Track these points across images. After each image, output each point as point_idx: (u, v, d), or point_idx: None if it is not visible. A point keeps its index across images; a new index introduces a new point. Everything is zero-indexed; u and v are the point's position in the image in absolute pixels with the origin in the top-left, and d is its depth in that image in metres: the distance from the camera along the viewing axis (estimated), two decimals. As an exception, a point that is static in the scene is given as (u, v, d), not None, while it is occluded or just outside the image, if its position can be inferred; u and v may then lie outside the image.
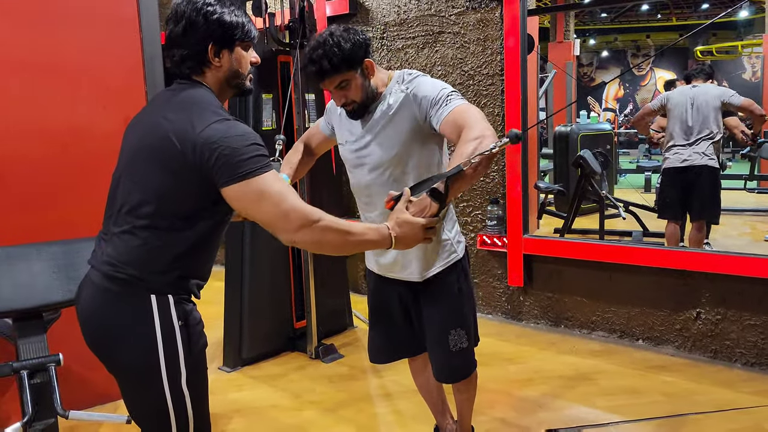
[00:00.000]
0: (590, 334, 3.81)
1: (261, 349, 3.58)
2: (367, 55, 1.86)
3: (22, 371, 2.17)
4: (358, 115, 1.94)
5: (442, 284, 2.06)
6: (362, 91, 1.88)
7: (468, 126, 1.67)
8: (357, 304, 4.28)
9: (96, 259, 1.55)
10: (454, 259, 2.07)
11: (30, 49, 2.69)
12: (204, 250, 1.55)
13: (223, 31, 1.52)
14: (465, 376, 2.18)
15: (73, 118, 2.84)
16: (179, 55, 1.53)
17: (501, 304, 4.15)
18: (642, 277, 3.56)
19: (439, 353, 2.13)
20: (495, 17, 3.87)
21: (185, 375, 1.51)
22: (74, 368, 2.82)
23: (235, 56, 1.57)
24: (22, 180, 2.70)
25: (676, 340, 3.51)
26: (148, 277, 1.47)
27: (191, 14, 1.51)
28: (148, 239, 1.46)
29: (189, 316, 1.54)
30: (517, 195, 3.82)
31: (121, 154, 1.60)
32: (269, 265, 3.57)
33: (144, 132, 1.51)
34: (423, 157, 1.93)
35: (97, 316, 1.51)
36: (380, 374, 3.30)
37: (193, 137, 1.39)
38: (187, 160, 1.40)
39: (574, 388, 3.09)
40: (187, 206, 1.46)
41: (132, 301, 1.48)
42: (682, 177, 4.34)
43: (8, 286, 2.21)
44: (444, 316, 2.08)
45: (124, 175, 1.53)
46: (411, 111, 1.86)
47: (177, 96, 1.52)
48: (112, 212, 1.54)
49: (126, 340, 1.48)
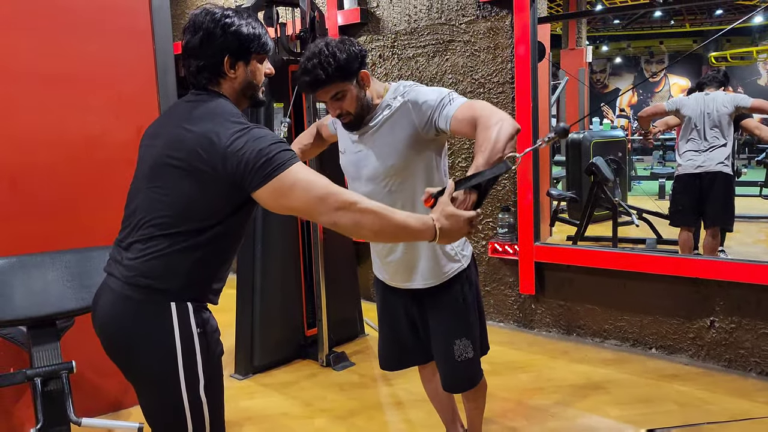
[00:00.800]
0: (603, 342, 3.78)
1: (272, 357, 3.59)
2: (362, 67, 1.86)
3: (36, 378, 2.20)
4: (354, 127, 1.93)
5: (446, 294, 2.06)
6: (357, 102, 1.87)
7: (482, 115, 1.67)
8: (368, 311, 4.28)
9: (114, 267, 1.56)
10: (458, 269, 2.06)
11: (44, 60, 2.74)
12: (223, 258, 1.58)
13: (239, 43, 1.54)
14: (471, 386, 2.17)
15: (87, 127, 2.87)
16: (195, 65, 1.55)
17: (513, 312, 4.14)
18: (655, 285, 3.53)
19: (445, 363, 2.12)
20: (505, 25, 3.88)
21: (203, 382, 1.52)
22: (87, 375, 2.85)
23: (250, 68, 1.58)
24: (37, 188, 2.73)
25: (690, 349, 3.47)
26: (169, 285, 1.49)
27: (209, 25, 1.52)
28: (170, 248, 1.48)
29: (207, 323, 1.55)
30: (529, 202, 3.81)
31: (139, 165, 1.62)
32: (280, 272, 3.58)
33: (166, 144, 1.52)
34: (420, 167, 1.92)
35: (116, 322, 1.52)
36: (391, 382, 3.30)
37: (221, 149, 1.41)
38: (216, 172, 1.42)
39: (586, 397, 3.07)
40: (211, 215, 1.48)
41: (152, 309, 1.49)
42: (696, 183, 4.31)
43: (22, 294, 2.25)
44: (449, 327, 2.08)
45: (145, 186, 1.54)
46: (409, 119, 1.86)
47: (197, 108, 1.53)
48: (131, 221, 1.56)
49: (145, 346, 1.49)
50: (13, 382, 2.20)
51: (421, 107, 1.84)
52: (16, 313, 2.21)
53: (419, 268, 2.02)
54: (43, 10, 2.73)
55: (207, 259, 1.53)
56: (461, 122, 1.75)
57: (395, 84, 1.96)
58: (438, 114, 1.81)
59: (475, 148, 1.62)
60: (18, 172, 2.69)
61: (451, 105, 1.79)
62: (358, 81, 1.86)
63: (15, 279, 2.26)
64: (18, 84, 2.68)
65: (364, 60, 1.86)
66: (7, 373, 2.21)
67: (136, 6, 3.01)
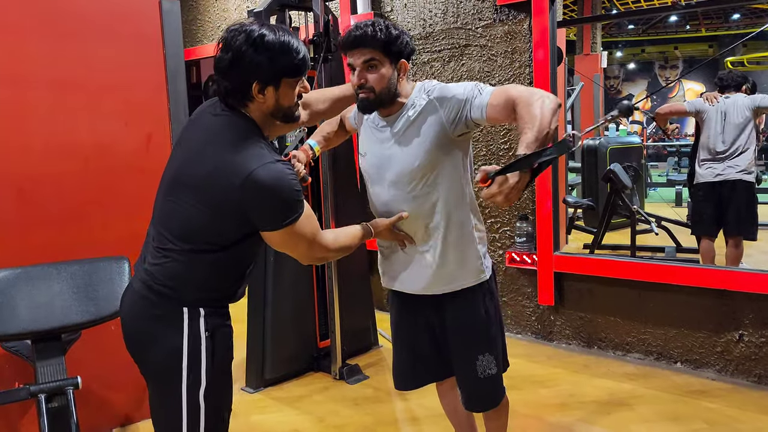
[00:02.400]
0: (625, 356, 3.65)
1: (284, 370, 3.49)
2: (407, 57, 1.84)
3: (40, 395, 2.12)
4: (369, 108, 1.86)
5: (468, 306, 1.96)
6: (386, 83, 1.80)
7: (520, 95, 1.62)
8: (382, 322, 4.17)
9: (140, 266, 1.63)
10: (482, 278, 1.97)
11: (52, 66, 2.67)
12: (239, 269, 1.61)
13: (270, 68, 1.48)
14: (494, 405, 2.07)
15: (96, 134, 2.80)
16: (223, 86, 1.52)
17: (531, 324, 4.02)
18: (679, 296, 3.41)
19: (467, 380, 2.02)
20: (523, 29, 3.78)
21: (204, 386, 1.54)
22: (95, 389, 2.77)
23: (280, 92, 1.53)
24: (44, 197, 2.66)
25: (717, 364, 3.34)
26: (182, 292, 1.53)
27: (241, 47, 1.47)
28: (183, 260, 1.52)
29: (219, 329, 1.59)
30: (548, 211, 3.71)
31: (168, 165, 1.63)
32: (292, 283, 3.49)
33: (187, 159, 1.53)
34: (447, 170, 1.84)
35: (133, 320, 1.60)
36: (406, 397, 3.19)
37: (239, 183, 1.43)
38: (230, 202, 1.46)
39: (610, 414, 2.95)
40: (224, 236, 1.52)
41: (165, 310, 1.54)
42: (716, 192, 4.18)
43: (27, 307, 2.17)
44: (471, 342, 1.98)
45: (166, 195, 1.58)
46: (436, 116, 1.80)
47: (222, 131, 1.51)
48: (154, 224, 1.61)
49: (155, 343, 1.55)
50: (17, 399, 2.12)
51: (450, 102, 1.78)
52: (20, 327, 2.14)
53: (442, 271, 1.92)
54: (51, 15, 2.66)
55: (221, 272, 1.57)
56: (497, 108, 1.69)
57: (420, 83, 1.90)
58: (470, 106, 1.75)
59: (520, 125, 1.56)
60: (26, 181, 2.62)
61: (482, 95, 1.74)
62: (397, 65, 1.81)
63: (19, 291, 2.18)
64: (26, 91, 2.61)
65: (410, 54, 1.85)
66: (10, 390, 2.14)
67: (146, 11, 2.95)
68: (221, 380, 1.62)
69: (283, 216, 1.48)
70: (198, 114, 1.64)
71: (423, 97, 1.84)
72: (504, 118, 1.70)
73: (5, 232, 2.55)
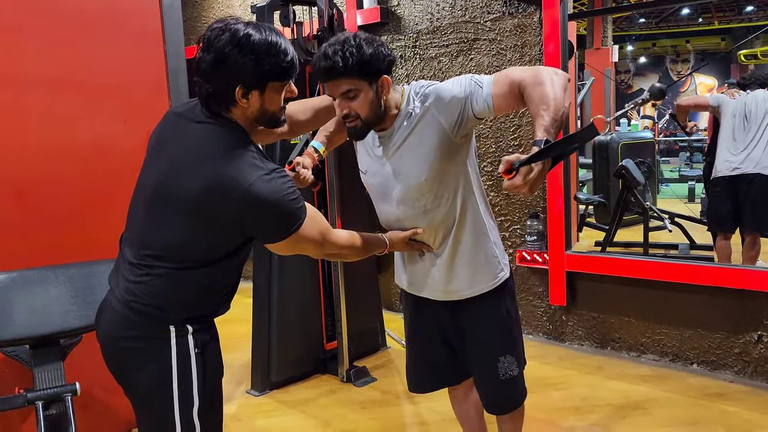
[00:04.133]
0: (639, 357, 3.56)
1: (290, 372, 3.43)
2: (386, 72, 1.67)
3: (37, 402, 2.06)
4: (359, 135, 1.75)
5: (488, 306, 1.89)
6: (370, 108, 1.67)
7: (525, 77, 1.52)
8: (390, 323, 4.11)
9: (117, 281, 1.52)
10: (502, 278, 1.90)
11: (51, 66, 2.60)
12: (226, 284, 1.53)
13: (255, 71, 1.38)
14: (516, 407, 2.02)
15: (95, 135, 2.74)
16: (205, 89, 1.42)
17: (542, 324, 3.93)
18: (695, 296, 3.31)
19: (487, 383, 1.96)
20: (533, 22, 3.69)
21: (197, 405, 1.48)
22: (96, 394, 2.71)
23: (266, 96, 1.43)
24: (43, 199, 2.61)
25: (735, 365, 3.24)
26: (168, 311, 1.45)
27: (225, 47, 1.36)
28: (170, 279, 1.43)
29: (207, 345, 1.51)
30: (559, 209, 3.61)
31: (143, 176, 1.51)
32: (298, 283, 3.42)
33: (172, 171, 1.42)
34: (455, 177, 1.76)
35: (114, 340, 1.50)
36: (415, 400, 3.12)
37: (236, 198, 1.35)
38: (226, 218, 1.38)
39: (625, 418, 2.86)
40: (215, 252, 1.44)
41: (150, 330, 1.46)
42: (734, 187, 4.08)
43: (24, 312, 2.11)
44: (492, 342, 1.92)
45: (144, 207, 1.47)
46: (436, 124, 1.68)
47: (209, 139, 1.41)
48: (133, 236, 1.50)
49: (141, 366, 1.47)
50: (13, 406, 2.06)
51: (448, 105, 1.66)
52: (17, 332, 2.08)
53: (459, 277, 1.85)
54: (49, 13, 2.60)
55: (208, 288, 1.48)
56: (503, 96, 1.59)
57: (408, 87, 1.77)
58: (472, 102, 1.63)
59: (533, 109, 1.46)
60: (24, 183, 2.56)
61: (482, 87, 1.62)
62: (377, 85, 1.66)
63: (16, 295, 2.12)
64: (23, 91, 2.54)
65: (390, 66, 1.67)
66: (6, 397, 2.08)
67: (146, 7, 2.88)
68: (214, 397, 1.55)
69: (286, 226, 1.43)
70: (175, 118, 1.52)
71: (416, 104, 1.72)
72: (512, 106, 1.61)
73: (3, 234, 2.50)
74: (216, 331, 1.56)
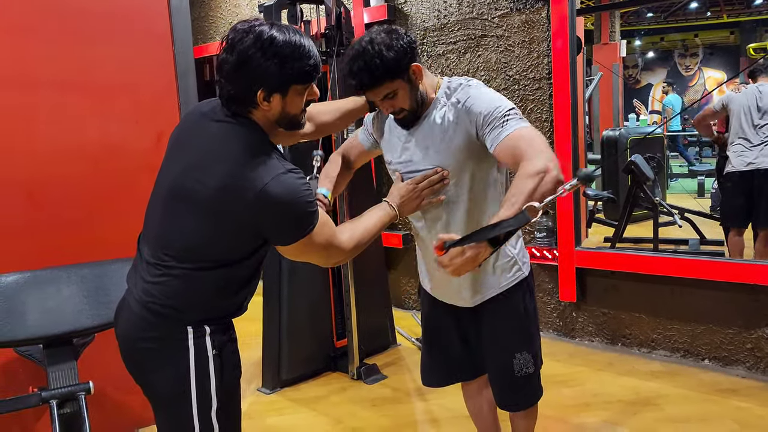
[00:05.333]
0: (651, 353, 3.55)
1: (301, 370, 3.44)
2: (413, 60, 1.68)
3: (51, 401, 2.08)
4: (410, 123, 1.77)
5: (506, 303, 1.90)
6: (411, 98, 1.71)
7: (527, 157, 1.47)
8: (400, 320, 4.12)
9: (134, 280, 1.52)
10: (520, 277, 1.90)
11: (61, 67, 2.62)
12: (243, 286, 1.52)
13: (280, 75, 1.37)
14: (532, 404, 2.02)
15: (106, 135, 2.76)
16: (226, 91, 1.41)
17: (552, 321, 3.93)
18: (707, 291, 3.29)
19: (503, 379, 1.96)
20: (541, 18, 3.67)
21: (216, 406, 1.48)
22: (109, 392, 2.73)
23: (288, 99, 1.42)
24: (54, 200, 2.62)
25: (748, 361, 3.23)
26: (186, 312, 1.45)
27: (248, 49, 1.35)
28: (187, 279, 1.43)
29: (225, 345, 1.51)
30: (568, 205, 3.60)
31: (162, 174, 1.51)
32: (308, 281, 3.43)
33: (190, 169, 1.42)
34: (478, 177, 1.76)
35: (132, 341, 1.50)
36: (426, 397, 3.12)
37: (252, 198, 1.34)
38: (243, 217, 1.37)
39: (637, 414, 2.86)
40: (232, 252, 1.44)
41: (167, 332, 1.46)
42: (747, 182, 4.05)
43: (37, 312, 2.13)
44: (509, 339, 1.92)
45: (161, 207, 1.48)
46: (464, 126, 1.69)
47: (227, 139, 1.41)
48: (150, 237, 1.50)
49: (159, 367, 1.47)
50: (28, 405, 2.08)
51: (475, 118, 1.66)
52: (31, 332, 2.10)
53: (480, 283, 1.86)
54: (59, 15, 2.61)
55: (226, 288, 1.47)
56: (505, 153, 1.57)
57: (446, 79, 1.79)
58: (487, 132, 1.62)
59: (509, 191, 1.42)
60: (35, 184, 2.58)
61: (503, 128, 1.59)
62: (410, 76, 1.68)
63: (29, 295, 2.14)
64: (33, 93, 2.56)
65: (414, 53, 1.68)
66: (21, 396, 2.10)
67: (155, 8, 2.89)
68: (232, 398, 1.55)
69: (299, 229, 1.41)
70: (196, 117, 1.52)
71: (451, 99, 1.73)
72: (507, 164, 1.62)
73: (16, 235, 2.52)
74: (234, 332, 1.56)
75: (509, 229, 1.32)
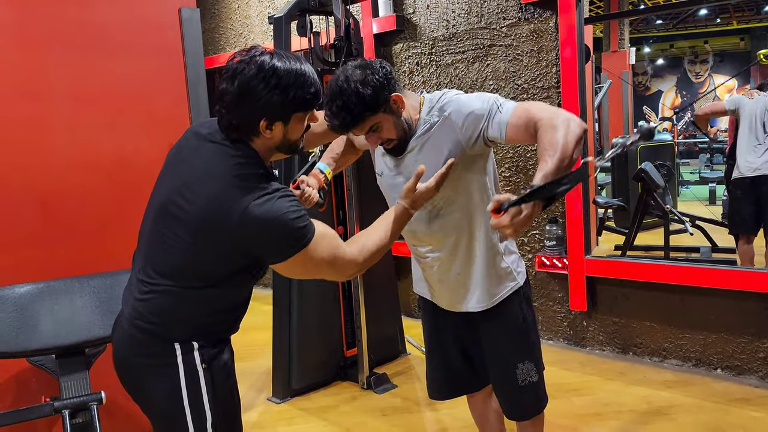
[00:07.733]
0: (662, 362, 3.52)
1: (311, 379, 3.44)
2: (392, 90, 1.67)
3: (64, 410, 2.09)
4: (399, 151, 1.78)
5: (504, 314, 1.90)
6: (397, 128, 1.71)
7: (543, 117, 1.49)
8: (410, 329, 4.11)
9: (126, 299, 1.53)
10: (515, 287, 1.90)
11: (74, 80, 2.65)
12: (232, 306, 1.52)
13: (282, 105, 1.38)
14: (538, 412, 2.01)
15: (118, 147, 2.78)
16: (227, 120, 1.41)
17: (563, 330, 3.91)
18: (718, 300, 3.27)
19: (507, 390, 1.97)
20: (549, 27, 3.68)
21: (211, 419, 1.49)
22: (120, 401, 2.74)
23: (289, 127, 1.43)
24: (68, 211, 2.65)
25: (760, 370, 3.20)
26: (172, 330, 1.45)
27: (251, 80, 1.35)
28: (172, 297, 1.43)
29: (215, 359, 1.50)
30: (578, 213, 3.60)
31: (156, 190, 1.53)
32: (318, 290, 3.44)
33: (180, 187, 1.42)
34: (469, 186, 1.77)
35: (125, 360, 1.52)
36: (436, 407, 3.12)
37: (236, 219, 1.34)
38: (228, 238, 1.36)
39: (649, 425, 2.84)
40: (218, 272, 1.43)
41: (156, 349, 1.46)
42: (755, 188, 4.03)
43: (49, 322, 2.15)
44: (509, 350, 1.92)
45: (150, 224, 1.49)
46: (453, 134, 1.69)
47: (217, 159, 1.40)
48: (140, 254, 1.51)
49: (150, 384, 1.49)
50: (41, 415, 2.10)
51: (466, 119, 1.67)
52: (43, 342, 2.12)
53: (474, 289, 1.86)
54: (71, 30, 2.64)
55: (212, 308, 1.47)
56: (518, 128, 1.57)
57: (429, 96, 1.79)
58: (488, 123, 1.63)
59: (540, 151, 1.44)
60: (49, 195, 2.61)
61: (501, 112, 1.62)
62: (391, 107, 1.68)
63: (42, 306, 2.16)
64: (48, 105, 2.60)
65: (391, 83, 1.66)
66: (33, 406, 2.11)
67: (166, 21, 2.92)
68: (228, 409, 1.55)
69: (289, 246, 1.38)
70: (192, 137, 1.51)
71: (435, 113, 1.74)
72: (523, 140, 1.61)
73: (29, 246, 2.54)
74: (224, 344, 1.55)
75: (568, 186, 1.33)
